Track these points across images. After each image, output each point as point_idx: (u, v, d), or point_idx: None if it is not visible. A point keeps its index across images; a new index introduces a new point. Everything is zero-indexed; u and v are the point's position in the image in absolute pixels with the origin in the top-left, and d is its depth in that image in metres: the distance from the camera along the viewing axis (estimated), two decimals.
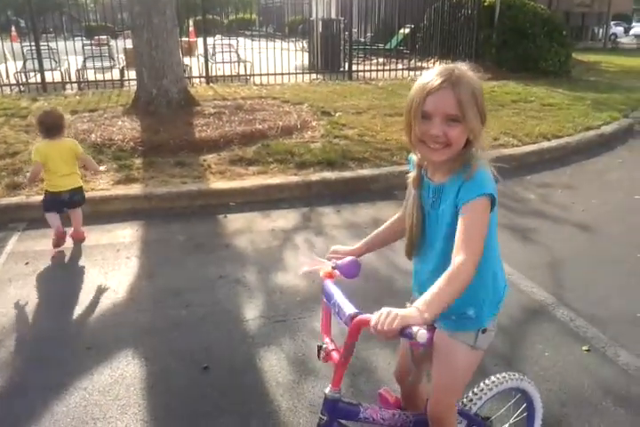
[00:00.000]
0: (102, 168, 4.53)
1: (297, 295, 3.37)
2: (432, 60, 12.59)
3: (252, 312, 3.22)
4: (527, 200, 5.09)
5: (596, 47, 22.86)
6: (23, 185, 4.86)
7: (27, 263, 3.82)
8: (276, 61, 10.99)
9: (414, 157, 1.71)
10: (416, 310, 1.28)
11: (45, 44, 10.91)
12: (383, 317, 1.26)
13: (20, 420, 2.42)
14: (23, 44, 11.36)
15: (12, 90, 9.93)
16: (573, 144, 6.77)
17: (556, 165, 6.22)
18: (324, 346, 1.53)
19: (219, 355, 2.83)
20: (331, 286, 1.59)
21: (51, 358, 2.84)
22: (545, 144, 6.59)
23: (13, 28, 17.44)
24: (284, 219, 4.61)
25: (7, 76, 10.27)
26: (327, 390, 1.52)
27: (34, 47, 10.40)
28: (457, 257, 1.42)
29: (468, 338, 1.65)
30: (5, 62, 10.65)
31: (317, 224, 4.48)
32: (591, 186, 5.61)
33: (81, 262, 3.85)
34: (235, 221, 4.54)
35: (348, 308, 1.44)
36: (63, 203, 4.04)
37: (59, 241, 4.00)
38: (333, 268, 1.65)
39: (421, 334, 1.22)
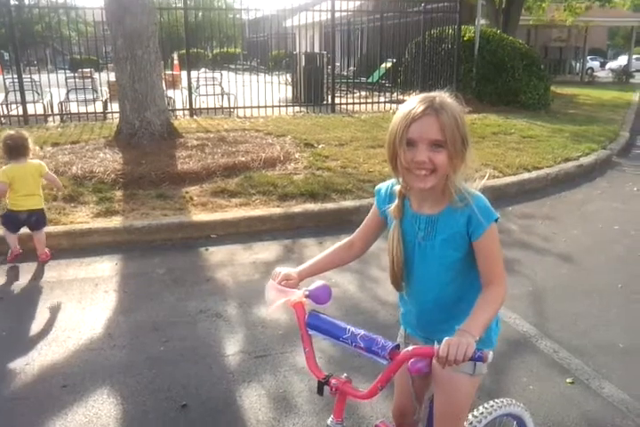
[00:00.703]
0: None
1: (279, 329, 3.31)
2: (414, 94, 12.75)
3: (232, 347, 3.16)
4: (508, 231, 5.12)
5: (573, 81, 23.57)
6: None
7: (1, 298, 3.73)
8: (260, 94, 11.14)
9: (384, 189, 1.72)
10: (469, 334, 1.37)
11: (28, 76, 10.95)
12: (454, 347, 1.31)
13: None
14: (6, 77, 11.40)
15: None
16: (553, 175, 6.88)
17: (537, 196, 6.30)
18: (334, 382, 1.45)
19: (198, 392, 2.76)
20: (325, 317, 1.52)
21: (24, 397, 2.73)
22: (525, 175, 6.68)
23: None
24: (267, 251, 4.58)
25: None
26: (329, 422, 1.49)
27: (16, 79, 10.43)
28: (491, 284, 1.54)
29: (467, 367, 1.64)
30: None
31: (300, 256, 4.44)
32: (572, 217, 5.67)
33: (58, 297, 3.76)
34: (216, 254, 4.49)
35: (383, 340, 1.42)
36: (21, 222, 4.25)
37: (14, 258, 4.29)
38: (306, 296, 1.56)
39: (491, 355, 1.32)
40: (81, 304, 3.66)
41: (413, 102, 1.50)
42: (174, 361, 3.02)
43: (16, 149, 4.16)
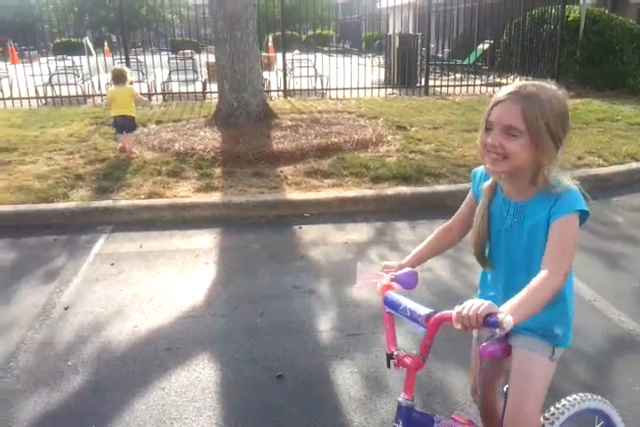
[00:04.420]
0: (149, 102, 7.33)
1: (370, 309, 3.34)
2: (511, 77, 12.32)
3: (325, 324, 3.22)
4: (615, 223, 4.84)
5: None
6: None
7: (112, 264, 4.01)
8: (352, 76, 11.09)
9: (479, 171, 1.74)
10: (498, 308, 1.32)
11: (134, 57, 11.55)
12: (469, 304, 1.30)
13: (103, 415, 2.52)
14: (114, 58, 12.07)
15: (102, 100, 10.54)
16: None
17: None
18: (395, 353, 1.52)
19: (292, 364, 2.85)
20: (394, 295, 1.60)
21: (132, 356, 2.94)
22: (634, 164, 6.25)
23: (106, 44, 18.58)
24: (358, 232, 4.60)
25: (99, 87, 10.90)
26: (400, 398, 1.52)
27: (124, 60, 11.03)
28: (545, 270, 1.44)
29: (546, 350, 1.64)
30: (98, 74, 11.32)
31: (392, 239, 4.44)
32: None
33: (163, 265, 3.99)
34: (309, 233, 4.58)
35: (422, 309, 1.46)
36: (121, 124, 6.45)
37: (122, 148, 6.46)
38: (392, 279, 1.65)
39: (508, 320, 1.24)
40: (183, 273, 3.87)
41: (506, 88, 1.51)
42: (270, 333, 3.13)
43: (118, 77, 6.47)
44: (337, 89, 11.15)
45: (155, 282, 3.75)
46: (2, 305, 3.48)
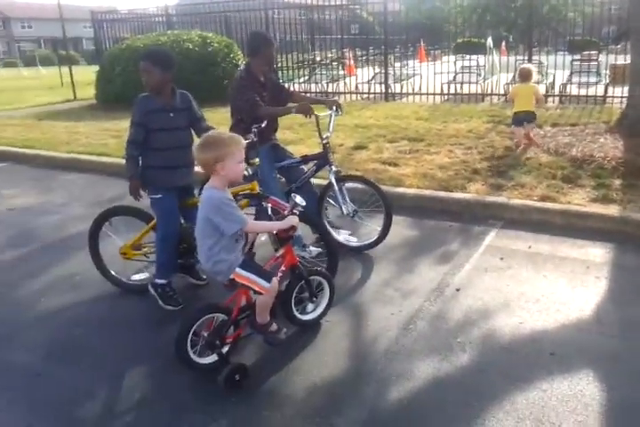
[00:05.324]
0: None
1: None
2: None
3: None
4: None
5: None
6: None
7: (501, 258, 4.17)
8: None
9: None
10: None
11: (536, 58, 11.49)
12: None
13: (485, 397, 2.70)
14: (516, 58, 12.26)
15: (499, 99, 10.90)
16: None
17: None
18: None
19: None
20: None
21: (516, 350, 3.04)
22: None
23: (503, 43, 18.97)
24: None
25: (497, 87, 11.26)
26: None
27: (526, 60, 11.10)
28: None
29: None
30: (499, 74, 11.69)
31: None
32: None
33: (550, 270, 3.96)
34: None
35: None
36: (523, 117, 6.73)
37: (517, 144, 6.75)
38: None
39: None
40: (571, 283, 3.77)
41: None
42: None
43: (525, 75, 6.87)
44: None
45: (541, 285, 3.76)
46: (406, 274, 4.03)
